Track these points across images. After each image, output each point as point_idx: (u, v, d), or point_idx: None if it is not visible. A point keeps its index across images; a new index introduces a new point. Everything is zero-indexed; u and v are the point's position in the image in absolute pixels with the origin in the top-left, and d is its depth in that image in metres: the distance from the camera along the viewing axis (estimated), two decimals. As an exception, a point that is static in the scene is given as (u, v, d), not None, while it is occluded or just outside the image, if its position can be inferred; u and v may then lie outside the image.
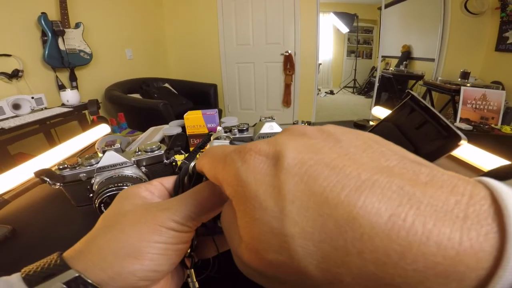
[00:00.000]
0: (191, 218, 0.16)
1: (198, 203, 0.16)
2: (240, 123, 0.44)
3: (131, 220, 0.16)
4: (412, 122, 0.22)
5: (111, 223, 0.16)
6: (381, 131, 0.25)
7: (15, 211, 0.44)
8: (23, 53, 1.57)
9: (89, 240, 0.16)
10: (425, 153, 0.20)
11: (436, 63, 2.90)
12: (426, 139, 0.20)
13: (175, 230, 0.15)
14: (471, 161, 0.51)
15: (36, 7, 1.60)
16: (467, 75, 2.26)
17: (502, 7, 2.24)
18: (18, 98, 1.39)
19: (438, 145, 0.19)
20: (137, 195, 0.18)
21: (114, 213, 0.17)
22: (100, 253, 0.15)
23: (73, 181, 0.36)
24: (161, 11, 2.89)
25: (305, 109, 2.99)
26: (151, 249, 0.15)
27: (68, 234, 0.38)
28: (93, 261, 0.14)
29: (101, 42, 2.09)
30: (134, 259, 0.14)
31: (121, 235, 0.15)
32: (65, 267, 0.14)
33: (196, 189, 0.17)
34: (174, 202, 0.17)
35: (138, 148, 0.37)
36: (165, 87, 2.50)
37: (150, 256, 0.15)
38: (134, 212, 0.16)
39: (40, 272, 0.14)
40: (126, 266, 0.14)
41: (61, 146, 0.62)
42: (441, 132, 0.19)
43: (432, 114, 0.21)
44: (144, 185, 0.19)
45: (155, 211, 0.16)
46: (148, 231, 0.15)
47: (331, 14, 4.47)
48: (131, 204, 0.17)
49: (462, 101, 1.87)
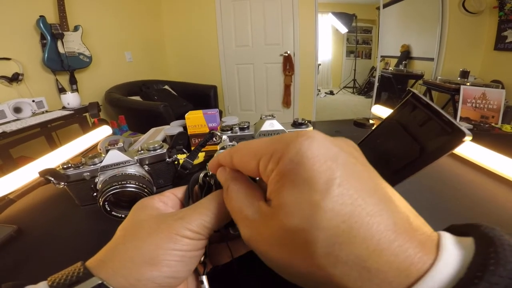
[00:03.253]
0: (204, 226, 0.17)
1: (210, 211, 0.18)
2: (241, 121, 0.45)
3: (147, 230, 0.17)
4: (416, 119, 0.22)
5: (130, 233, 0.17)
6: (386, 130, 0.25)
7: (20, 211, 0.44)
8: (23, 56, 1.57)
9: (109, 250, 0.17)
10: (431, 151, 0.20)
11: (435, 63, 2.91)
12: (430, 136, 0.20)
13: (190, 238, 0.16)
14: (473, 159, 0.51)
15: (34, 11, 1.61)
16: (467, 74, 2.26)
17: (500, 6, 2.24)
18: (19, 101, 1.39)
19: (443, 141, 0.19)
20: (151, 206, 0.19)
21: (132, 223, 0.18)
22: (120, 261, 0.15)
23: (77, 180, 0.37)
24: (160, 13, 2.90)
25: (305, 110, 2.99)
26: (168, 256, 0.16)
27: (72, 233, 0.38)
28: (114, 269, 0.15)
29: (100, 44, 2.10)
30: (153, 266, 0.15)
31: (140, 244, 0.16)
32: (89, 275, 0.15)
33: (208, 199, 0.19)
34: (188, 211, 0.18)
35: (141, 147, 0.38)
36: (165, 89, 2.51)
37: (167, 263, 0.16)
38: (150, 221, 0.17)
39: (65, 279, 0.15)
40: (145, 273, 0.15)
41: (64, 147, 0.62)
42: (445, 128, 0.19)
43: (434, 111, 0.21)
44: (157, 196, 0.20)
45: (170, 221, 0.17)
46: (164, 240, 0.16)
47: (329, 15, 4.49)
48: (147, 214, 0.18)
49: (462, 100, 1.87)
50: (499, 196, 0.41)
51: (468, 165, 0.51)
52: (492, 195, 0.42)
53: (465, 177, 0.47)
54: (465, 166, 0.51)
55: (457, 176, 0.48)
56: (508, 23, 2.22)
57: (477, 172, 0.48)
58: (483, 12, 2.40)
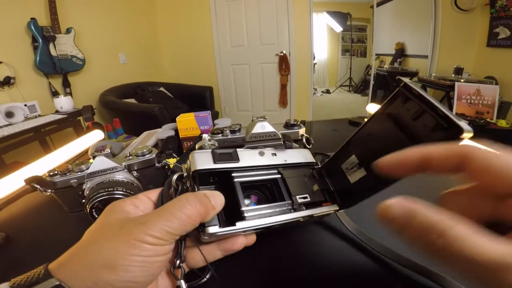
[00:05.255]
0: (167, 232, 0.17)
1: (174, 216, 0.17)
2: (232, 124, 0.44)
3: (108, 234, 0.17)
4: (408, 113, 0.20)
5: (92, 236, 0.17)
6: (377, 125, 0.23)
7: (8, 218, 0.44)
8: (14, 59, 1.55)
9: (71, 252, 0.17)
10: None
11: (429, 60, 2.92)
12: (425, 132, 0.18)
13: (150, 244, 0.16)
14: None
15: (25, 13, 1.59)
16: (461, 70, 2.27)
17: (491, 3, 2.26)
18: (11, 106, 1.38)
19: (439, 138, 0.17)
20: (120, 209, 0.19)
21: (97, 227, 0.18)
22: (79, 263, 0.16)
23: (64, 187, 0.36)
24: (154, 14, 2.88)
25: (301, 109, 2.99)
26: (126, 261, 0.16)
27: (61, 240, 0.38)
28: (73, 271, 0.15)
29: (93, 47, 2.08)
30: (110, 270, 0.15)
31: (99, 248, 0.16)
32: (48, 276, 0.15)
33: (173, 203, 0.18)
34: (151, 216, 0.17)
35: (129, 153, 0.37)
36: (160, 91, 2.49)
37: (125, 268, 0.15)
38: (113, 226, 0.17)
39: (25, 281, 0.15)
40: (102, 276, 0.15)
41: (53, 153, 0.61)
42: (441, 123, 0.17)
43: (428, 103, 0.18)
44: (130, 199, 0.20)
45: (131, 226, 0.17)
46: (123, 245, 0.16)
47: (324, 14, 4.49)
48: (113, 218, 0.18)
49: (457, 97, 1.88)
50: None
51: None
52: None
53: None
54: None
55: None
56: (500, 20, 2.24)
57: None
58: (475, 10, 2.42)
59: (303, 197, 0.26)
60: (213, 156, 0.24)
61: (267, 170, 0.27)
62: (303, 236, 0.31)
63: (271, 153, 0.28)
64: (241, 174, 0.25)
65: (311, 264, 0.27)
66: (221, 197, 0.20)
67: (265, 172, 0.27)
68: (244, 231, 0.22)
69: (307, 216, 0.25)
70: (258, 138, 0.38)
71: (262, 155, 0.27)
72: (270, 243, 0.30)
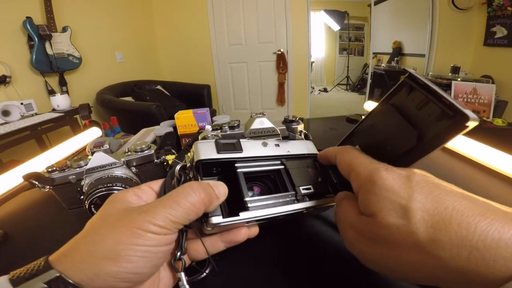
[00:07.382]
0: (171, 221, 0.16)
1: (178, 204, 0.17)
2: (231, 120, 0.44)
3: (110, 224, 0.16)
4: (413, 103, 0.20)
5: (94, 226, 0.17)
6: (380, 116, 0.23)
7: (6, 215, 0.43)
8: (10, 58, 1.54)
9: (72, 243, 0.16)
10: (430, 138, 0.18)
11: (426, 59, 2.94)
12: (429, 121, 0.18)
13: (154, 233, 0.16)
14: (465, 153, 0.51)
15: (20, 12, 1.58)
16: (458, 69, 2.29)
17: (488, 2, 2.27)
18: (7, 104, 1.36)
19: (444, 127, 0.17)
20: (122, 199, 0.19)
21: (99, 217, 0.18)
22: (80, 255, 0.15)
23: (63, 183, 0.36)
24: (151, 12, 2.87)
25: (299, 107, 3.00)
26: (129, 251, 0.15)
27: (60, 237, 0.37)
28: (74, 262, 0.15)
29: (90, 45, 2.07)
30: (112, 261, 0.15)
31: (100, 238, 0.16)
32: (48, 268, 0.15)
33: (177, 191, 0.18)
34: (154, 204, 0.17)
35: (128, 149, 0.37)
36: (157, 89, 2.48)
37: (128, 258, 0.15)
38: (114, 216, 0.17)
39: (25, 273, 0.15)
40: (104, 268, 0.15)
41: (51, 150, 0.61)
42: (446, 111, 0.17)
43: (434, 92, 0.18)
44: (132, 189, 0.20)
45: (134, 214, 0.16)
46: (126, 234, 0.15)
47: (321, 12, 4.50)
48: (115, 208, 0.18)
49: (454, 95, 1.89)
50: (491, 190, 0.41)
51: (460, 159, 0.51)
52: (484, 188, 0.42)
53: (457, 171, 0.48)
54: (457, 160, 0.51)
55: (449, 169, 0.48)
56: (497, 19, 2.25)
57: (469, 165, 0.49)
58: (472, 8, 2.43)
59: (306, 188, 0.26)
60: (216, 146, 0.24)
61: (270, 161, 0.27)
62: (305, 229, 0.32)
63: (274, 144, 0.28)
64: (245, 165, 0.25)
65: (313, 258, 0.27)
66: (224, 187, 0.20)
67: (269, 162, 0.27)
68: (247, 222, 0.22)
69: (311, 207, 0.25)
70: (257, 134, 0.38)
71: (266, 145, 0.28)
72: (271, 237, 0.30)
